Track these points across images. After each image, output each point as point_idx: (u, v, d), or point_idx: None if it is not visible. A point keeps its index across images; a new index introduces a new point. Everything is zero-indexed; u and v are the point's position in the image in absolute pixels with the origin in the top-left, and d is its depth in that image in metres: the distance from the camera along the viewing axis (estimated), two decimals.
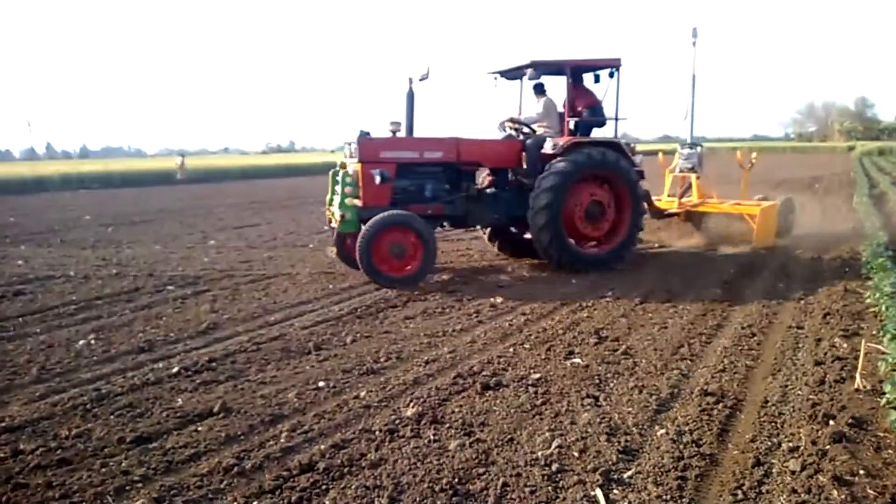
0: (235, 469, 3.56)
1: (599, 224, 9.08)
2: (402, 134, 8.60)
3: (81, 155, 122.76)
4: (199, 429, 4.10)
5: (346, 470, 3.56)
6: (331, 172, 8.76)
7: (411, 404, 4.40)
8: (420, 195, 8.83)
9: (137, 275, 9.06)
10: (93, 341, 6.00)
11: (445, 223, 9.31)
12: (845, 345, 5.40)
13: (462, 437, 3.92)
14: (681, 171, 11.46)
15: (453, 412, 4.29)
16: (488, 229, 9.97)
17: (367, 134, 8.51)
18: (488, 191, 9.40)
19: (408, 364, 5.27)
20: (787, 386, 4.60)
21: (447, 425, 4.09)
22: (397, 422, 4.14)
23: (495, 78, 9.84)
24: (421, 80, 8.36)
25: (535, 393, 4.57)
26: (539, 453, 3.67)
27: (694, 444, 3.74)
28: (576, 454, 3.65)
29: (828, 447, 3.61)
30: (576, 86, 9.58)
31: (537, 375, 4.89)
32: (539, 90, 9.55)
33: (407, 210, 8.27)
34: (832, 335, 5.69)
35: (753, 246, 10.05)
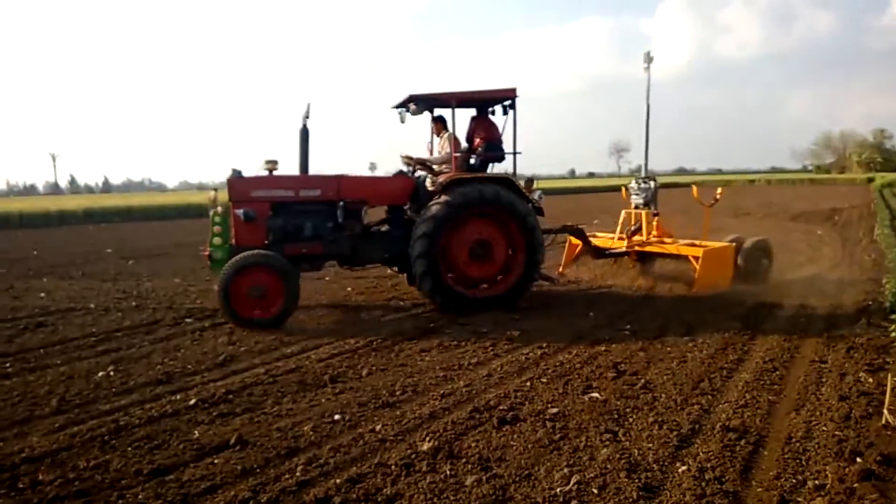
0: (251, 502, 3.54)
1: (488, 264, 8.67)
2: (296, 171, 8.61)
3: (104, 189, 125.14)
4: (216, 461, 4.09)
5: None
6: (210, 213, 8.48)
7: (427, 438, 4.37)
8: (298, 234, 8.50)
9: (157, 307, 9.12)
10: (112, 373, 6.03)
11: (332, 262, 9.05)
12: (871, 379, 5.30)
13: (479, 472, 3.88)
14: (636, 207, 10.86)
15: (470, 447, 4.25)
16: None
17: (239, 173, 8.46)
18: (379, 229, 9.20)
19: (424, 397, 5.24)
20: (811, 422, 4.52)
21: (464, 460, 4.05)
22: (413, 456, 4.11)
23: (399, 113, 9.24)
24: (304, 118, 8.43)
25: (553, 428, 4.52)
26: (557, 489, 3.62)
27: (716, 482, 3.67)
28: (595, 491, 3.59)
29: (855, 485, 3.53)
30: (478, 118, 9.37)
31: (555, 410, 4.84)
32: (443, 124, 9.36)
33: (283, 249, 8.16)
34: (857, 369, 5.59)
35: (694, 291, 9.22)
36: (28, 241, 21.04)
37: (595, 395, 5.17)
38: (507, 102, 8.89)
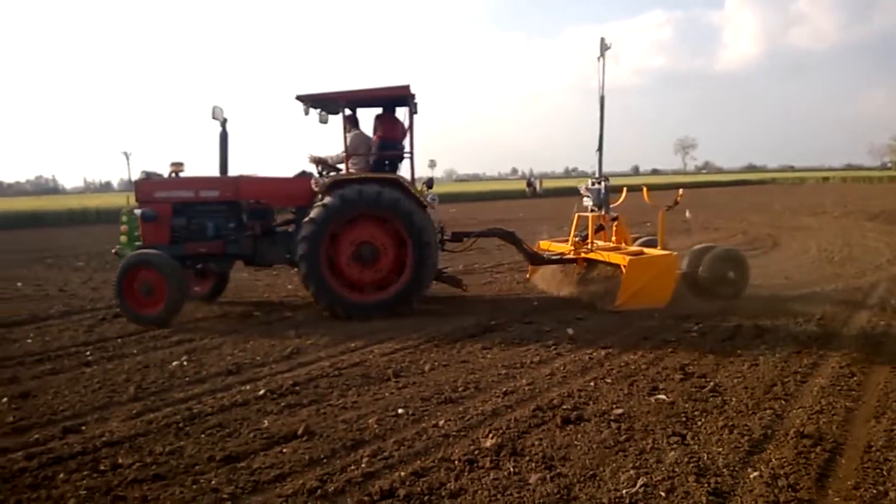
0: (318, 492, 3.61)
1: (376, 267, 8.39)
2: (215, 173, 8.85)
3: None
4: (284, 450, 4.20)
5: (426, 498, 3.55)
6: (121, 212, 8.91)
7: (490, 435, 4.36)
8: (200, 234, 8.68)
9: (226, 300, 9.40)
10: (185, 363, 6.27)
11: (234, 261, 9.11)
12: None
13: (543, 470, 3.85)
14: (591, 210, 9.98)
15: (533, 445, 4.23)
16: None
17: (149, 175, 8.79)
18: (286, 230, 9.05)
19: (486, 394, 5.24)
20: (892, 430, 4.31)
21: (527, 458, 4.04)
22: (476, 452, 4.12)
23: (306, 112, 8.85)
24: (223, 122, 8.75)
25: (619, 429, 4.45)
26: (623, 491, 3.57)
27: (790, 489, 3.54)
28: (662, 494, 3.52)
29: None
30: (380, 116, 9.09)
31: (620, 411, 4.77)
32: (352, 123, 9.16)
33: (184, 248, 8.46)
34: None
35: (618, 305, 8.20)
36: (104, 235, 21.96)
37: (662, 396, 5.07)
38: (401, 100, 8.65)
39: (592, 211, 9.85)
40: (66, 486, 3.79)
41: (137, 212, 8.52)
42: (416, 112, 8.56)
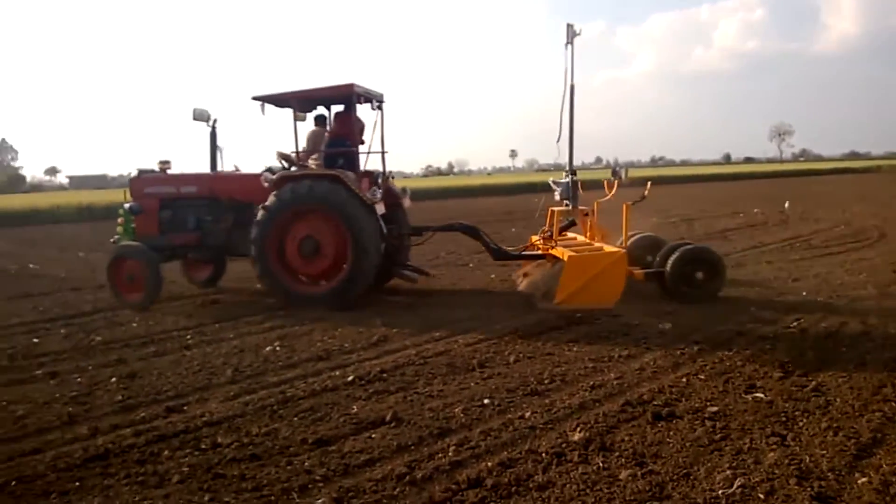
0: (407, 478, 3.67)
1: (319, 260, 8.58)
2: (205, 170, 9.60)
3: None
4: (373, 436, 4.29)
5: (513, 489, 3.55)
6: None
7: (578, 429, 4.31)
8: (182, 226, 9.47)
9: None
10: (278, 348, 6.50)
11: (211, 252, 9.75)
12: None
13: (633, 466, 3.77)
14: (566, 204, 9.44)
15: (623, 440, 4.15)
16: None
17: (141, 172, 9.69)
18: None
19: (573, 388, 5.17)
20: None
21: (616, 453, 3.96)
22: (564, 445, 4.07)
23: (262, 111, 9.21)
24: (212, 123, 9.41)
25: (713, 427, 4.29)
26: (719, 491, 3.44)
27: None
28: (762, 496, 3.38)
29: None
30: (338, 115, 9.36)
31: (714, 409, 4.60)
32: (317, 120, 9.50)
33: (168, 239, 9.33)
34: None
35: (556, 303, 7.78)
36: None
37: (759, 395, 4.85)
38: (346, 99, 8.91)
39: (566, 205, 9.43)
40: (171, 463, 4.00)
41: (126, 206, 9.41)
42: (375, 109, 9.13)
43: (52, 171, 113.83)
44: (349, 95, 8.73)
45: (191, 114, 9.26)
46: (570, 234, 9.76)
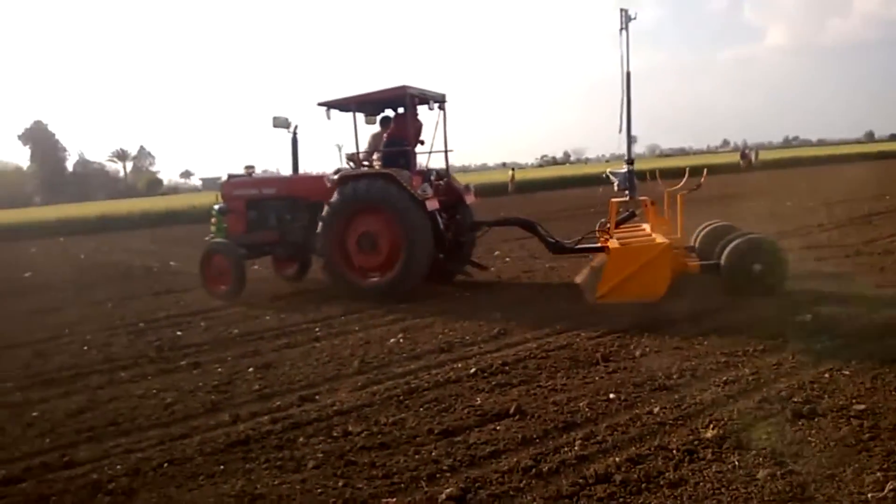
0: (533, 471, 3.66)
1: (376, 255, 8.97)
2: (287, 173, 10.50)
3: None
4: (498, 428, 4.31)
5: (643, 486, 3.46)
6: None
7: (711, 426, 4.13)
8: (265, 225, 10.31)
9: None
10: (401, 340, 6.68)
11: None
12: None
13: (772, 466, 3.57)
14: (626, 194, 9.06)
15: (760, 439, 3.93)
16: None
17: (232, 176, 10.77)
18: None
19: (704, 383, 4.96)
20: None
21: (753, 452, 3.76)
22: (696, 443, 3.92)
23: (328, 116, 9.64)
24: (284, 127, 10.02)
25: (860, 426, 3.99)
26: (868, 495, 3.21)
27: None
28: None
29: None
30: (395, 116, 9.77)
31: (861, 406, 4.27)
32: (381, 122, 9.98)
33: (254, 237, 10.21)
34: None
35: (598, 297, 7.69)
36: None
37: None
38: (399, 101, 9.38)
39: (629, 196, 9.12)
40: (306, 449, 4.21)
41: (216, 207, 10.36)
42: (432, 109, 9.54)
43: (186, 174, 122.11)
44: (402, 97, 9.16)
45: (271, 122, 10.00)
46: (642, 226, 9.42)
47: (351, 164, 9.86)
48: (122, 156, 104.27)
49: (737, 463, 3.64)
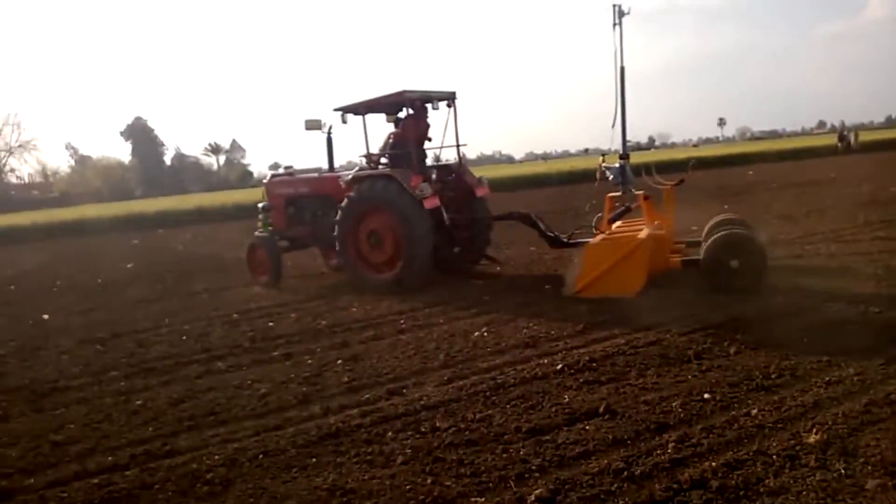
0: (625, 473, 3.59)
1: (383, 251, 9.56)
2: (325, 171, 11.22)
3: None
4: (587, 427, 4.24)
5: (741, 493, 3.33)
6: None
7: (814, 430, 3.92)
8: (301, 221, 11.10)
9: (515, 274, 9.78)
10: (486, 334, 6.68)
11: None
12: None
13: (882, 476, 3.36)
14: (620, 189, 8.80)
15: (868, 445, 3.71)
16: None
17: (274, 176, 11.84)
18: None
19: (805, 383, 4.71)
20: None
21: (861, 459, 3.56)
22: (798, 448, 3.73)
23: (344, 120, 10.17)
24: (317, 129, 10.49)
25: None
26: None
27: None
28: None
29: None
30: (403, 119, 10.16)
31: None
32: (395, 123, 10.37)
33: (291, 232, 11.13)
34: None
35: (575, 292, 7.93)
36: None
37: None
38: (402, 106, 10.02)
39: (625, 191, 9.15)
40: (394, 444, 4.28)
41: (260, 205, 11.38)
42: (435, 109, 9.99)
43: (275, 166, 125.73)
44: (402, 102, 9.88)
45: (304, 124, 10.52)
46: (639, 220, 9.32)
47: (370, 164, 10.44)
48: (215, 149, 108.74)
49: (843, 471, 3.45)
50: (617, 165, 9.19)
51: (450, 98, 10.09)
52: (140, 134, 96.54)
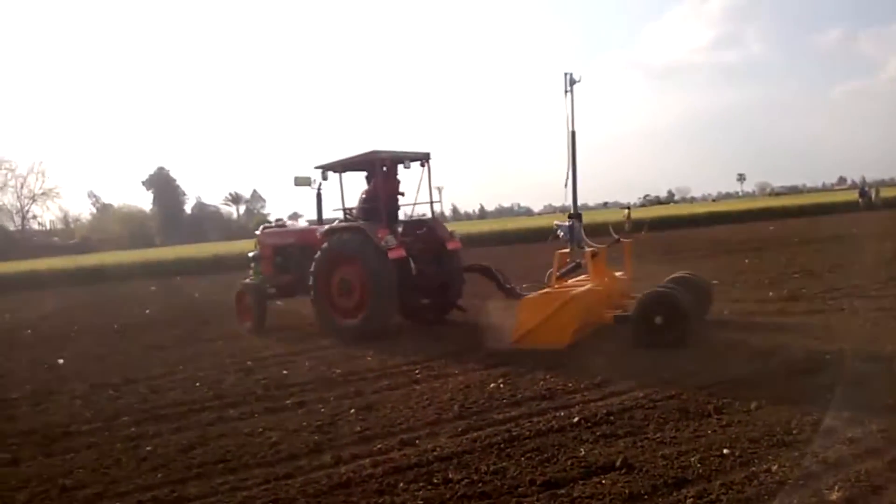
0: None
1: (352, 299, 10.02)
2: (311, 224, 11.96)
3: (479, 216, 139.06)
4: (603, 482, 4.14)
5: None
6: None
7: (836, 487, 3.81)
8: (286, 270, 11.59)
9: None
10: (502, 385, 6.60)
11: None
12: None
13: None
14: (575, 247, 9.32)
15: (891, 503, 3.59)
16: None
17: (266, 227, 12.72)
18: None
19: (827, 440, 4.59)
20: None
21: None
22: None
23: (324, 177, 10.95)
24: (306, 185, 10.98)
25: None
26: None
27: None
28: None
29: None
30: (373, 176, 10.78)
31: None
32: (367, 181, 11.11)
33: (278, 280, 11.68)
34: None
35: (512, 343, 8.19)
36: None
37: None
38: (376, 166, 10.46)
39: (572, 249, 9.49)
40: (406, 495, 4.20)
41: (250, 254, 12.35)
42: (407, 168, 10.73)
43: (295, 216, 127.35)
44: (374, 161, 10.41)
45: (293, 181, 11.02)
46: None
47: (346, 217, 11.13)
48: (236, 199, 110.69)
49: None
50: (566, 224, 9.58)
51: (423, 158, 10.79)
52: (162, 183, 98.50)
